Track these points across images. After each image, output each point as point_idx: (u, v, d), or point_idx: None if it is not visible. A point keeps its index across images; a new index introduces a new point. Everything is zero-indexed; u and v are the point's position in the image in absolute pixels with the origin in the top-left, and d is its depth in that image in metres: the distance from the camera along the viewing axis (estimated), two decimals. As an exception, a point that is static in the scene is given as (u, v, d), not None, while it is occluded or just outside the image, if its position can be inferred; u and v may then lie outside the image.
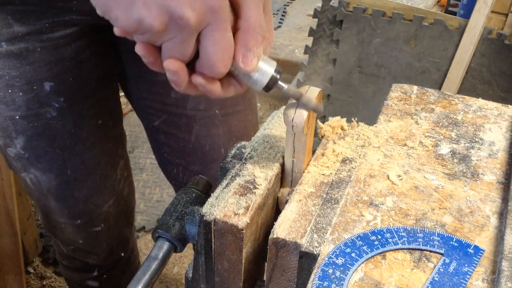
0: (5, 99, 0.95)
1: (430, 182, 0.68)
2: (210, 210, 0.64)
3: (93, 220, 1.17)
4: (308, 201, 0.65)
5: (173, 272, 2.11)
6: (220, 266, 0.68)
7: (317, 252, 0.58)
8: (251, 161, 0.71)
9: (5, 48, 0.90)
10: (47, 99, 0.96)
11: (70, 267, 1.35)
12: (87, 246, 1.23)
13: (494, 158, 0.72)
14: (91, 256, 1.26)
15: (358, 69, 2.18)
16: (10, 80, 0.93)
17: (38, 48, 0.91)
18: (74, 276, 1.37)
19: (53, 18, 0.90)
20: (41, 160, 1.03)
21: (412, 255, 0.58)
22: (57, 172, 1.05)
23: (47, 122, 0.98)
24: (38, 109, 0.97)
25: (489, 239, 0.60)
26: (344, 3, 2.10)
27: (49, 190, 1.08)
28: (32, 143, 1.00)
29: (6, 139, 1.01)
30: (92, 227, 1.18)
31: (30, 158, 1.02)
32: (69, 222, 1.15)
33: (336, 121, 0.77)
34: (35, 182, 1.07)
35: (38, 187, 1.08)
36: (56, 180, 1.06)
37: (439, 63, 2.05)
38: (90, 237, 1.20)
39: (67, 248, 1.26)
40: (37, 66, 0.93)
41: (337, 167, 0.71)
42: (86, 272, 1.33)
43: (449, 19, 1.98)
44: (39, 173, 1.05)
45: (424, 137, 0.76)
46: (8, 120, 0.97)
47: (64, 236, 1.21)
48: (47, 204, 1.12)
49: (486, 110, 0.82)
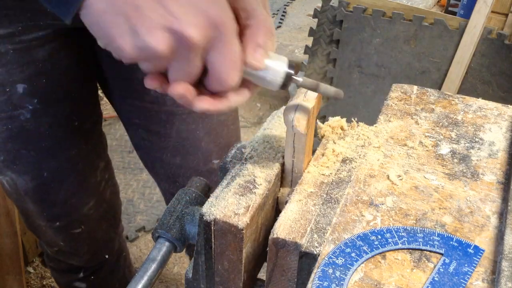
0: None
1: (430, 182, 0.68)
2: (210, 210, 0.64)
3: (73, 222, 1.16)
4: (308, 201, 0.65)
5: (173, 272, 2.11)
6: (220, 266, 0.68)
7: (317, 252, 0.58)
8: (251, 161, 0.71)
9: None
10: (21, 101, 0.95)
11: (56, 269, 1.35)
12: (68, 248, 1.22)
13: (494, 158, 0.72)
14: (74, 258, 1.26)
15: (358, 69, 2.18)
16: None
17: (10, 50, 0.90)
18: (62, 277, 1.37)
19: (26, 21, 0.89)
20: (17, 162, 1.02)
21: (412, 255, 0.58)
22: (33, 175, 1.05)
23: (21, 124, 0.97)
24: (12, 111, 0.96)
25: (489, 239, 0.60)
26: (344, 3, 2.10)
27: (26, 192, 1.07)
28: (6, 145, 1.00)
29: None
30: (72, 229, 1.17)
31: (5, 160, 1.02)
32: (48, 224, 1.15)
33: (336, 121, 0.77)
34: (12, 185, 1.06)
35: (15, 190, 1.08)
36: (32, 182, 1.06)
37: (439, 63, 2.05)
38: (70, 239, 1.19)
39: (51, 249, 1.26)
40: (10, 68, 0.91)
41: (337, 167, 0.71)
42: (72, 273, 1.33)
43: (449, 19, 1.98)
44: (15, 176, 1.04)
45: (424, 137, 0.76)
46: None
47: (46, 238, 1.21)
48: (25, 206, 1.12)
49: (486, 110, 0.82)
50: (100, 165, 1.18)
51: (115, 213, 1.30)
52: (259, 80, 0.60)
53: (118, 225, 1.34)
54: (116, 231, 1.34)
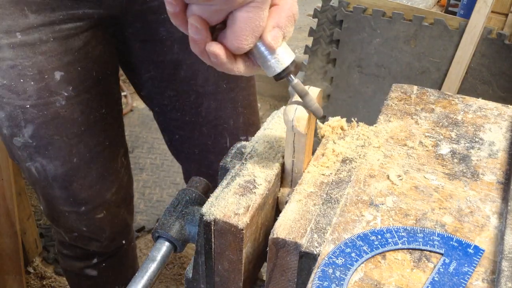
0: (16, 89, 0.98)
1: (430, 182, 0.68)
2: (210, 210, 0.64)
3: (97, 207, 1.20)
4: (308, 201, 0.65)
5: (173, 272, 2.11)
6: (220, 266, 0.68)
7: (317, 252, 0.58)
8: (251, 161, 0.71)
9: (19, 38, 0.93)
10: (57, 88, 1.00)
11: (70, 256, 1.37)
12: (90, 233, 1.26)
13: (494, 158, 0.72)
14: (94, 243, 1.29)
15: (358, 69, 2.18)
16: (22, 70, 0.96)
17: (51, 38, 0.95)
18: (74, 265, 1.39)
19: (66, 10, 0.95)
20: (49, 148, 1.06)
21: (412, 255, 0.58)
22: (64, 160, 1.09)
23: (56, 111, 1.02)
24: (48, 97, 1.00)
25: (489, 239, 0.60)
26: (344, 3, 2.10)
27: (54, 178, 1.11)
28: (40, 131, 1.03)
29: (14, 129, 1.03)
30: (95, 214, 1.21)
31: (38, 146, 1.05)
32: (73, 209, 1.18)
33: (336, 121, 0.77)
34: (41, 171, 1.10)
35: (43, 176, 1.11)
36: (62, 168, 1.09)
37: (439, 63, 2.05)
38: (93, 224, 1.23)
39: (70, 235, 1.28)
40: (49, 56, 0.97)
41: (337, 167, 0.71)
42: (86, 260, 1.36)
43: (449, 19, 1.98)
44: (46, 161, 1.08)
45: (424, 137, 0.76)
46: (18, 110, 1.00)
47: (67, 224, 1.23)
48: (51, 193, 1.15)
49: (486, 110, 0.82)
50: (121, 151, 1.23)
51: (131, 200, 1.35)
52: (262, 60, 0.61)
53: (132, 213, 1.39)
54: (132, 218, 1.39)
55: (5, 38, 0.93)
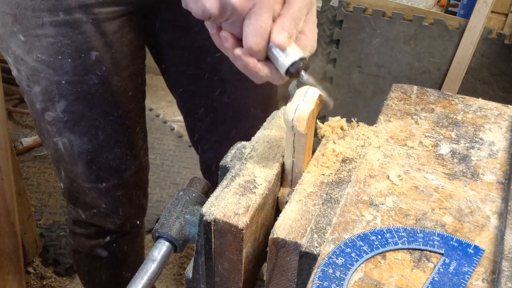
0: (54, 65, 1.04)
1: (430, 182, 0.68)
2: (210, 210, 0.64)
3: (117, 185, 1.25)
4: (308, 201, 0.65)
5: (173, 272, 2.11)
6: (220, 266, 0.68)
7: (317, 252, 0.58)
8: (251, 161, 0.71)
9: (62, 17, 1.00)
10: (92, 67, 1.06)
11: (84, 235, 1.40)
12: (108, 210, 1.29)
13: (494, 158, 0.72)
14: (110, 220, 1.33)
15: (358, 69, 2.18)
16: (61, 47, 1.02)
17: (90, 19, 1.02)
18: (86, 244, 1.41)
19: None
20: (79, 123, 1.12)
21: (412, 255, 0.58)
22: (91, 136, 1.14)
23: (88, 89, 1.08)
24: (83, 75, 1.06)
25: (489, 239, 0.60)
26: (344, 3, 2.10)
27: (80, 154, 1.16)
28: (73, 107, 1.09)
29: (48, 103, 1.09)
30: (115, 191, 1.26)
31: (68, 121, 1.11)
32: (94, 186, 1.23)
33: (336, 121, 0.77)
34: (68, 147, 1.15)
35: (69, 152, 1.16)
36: (90, 143, 1.15)
37: (439, 63, 2.05)
38: (113, 201, 1.27)
39: (88, 213, 1.31)
40: (87, 36, 1.03)
41: (337, 167, 0.71)
42: (99, 238, 1.39)
43: (449, 19, 1.98)
44: (74, 137, 1.13)
45: (424, 137, 0.76)
46: (53, 85, 1.06)
47: (87, 201, 1.28)
48: (75, 169, 1.20)
49: (486, 110, 0.82)
50: (141, 135, 1.28)
51: (146, 185, 1.40)
52: (275, 60, 0.67)
53: (147, 196, 1.43)
54: (146, 201, 1.43)
55: (48, 16, 0.99)
